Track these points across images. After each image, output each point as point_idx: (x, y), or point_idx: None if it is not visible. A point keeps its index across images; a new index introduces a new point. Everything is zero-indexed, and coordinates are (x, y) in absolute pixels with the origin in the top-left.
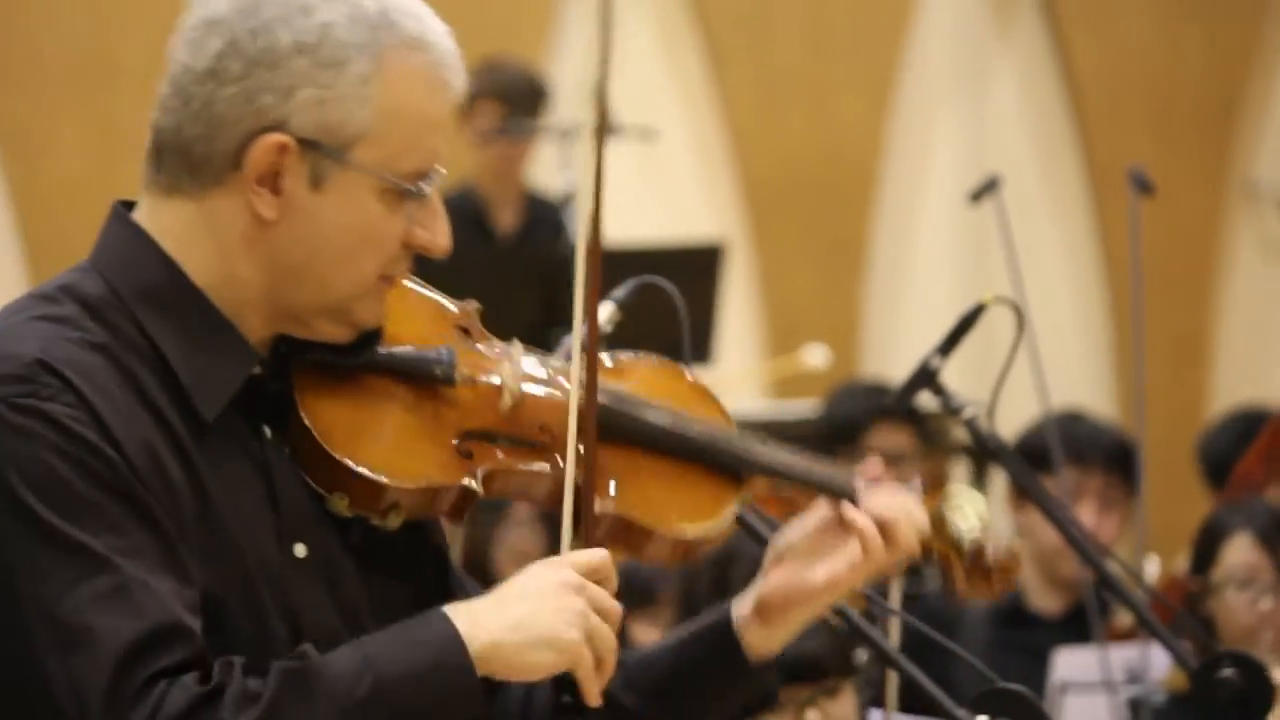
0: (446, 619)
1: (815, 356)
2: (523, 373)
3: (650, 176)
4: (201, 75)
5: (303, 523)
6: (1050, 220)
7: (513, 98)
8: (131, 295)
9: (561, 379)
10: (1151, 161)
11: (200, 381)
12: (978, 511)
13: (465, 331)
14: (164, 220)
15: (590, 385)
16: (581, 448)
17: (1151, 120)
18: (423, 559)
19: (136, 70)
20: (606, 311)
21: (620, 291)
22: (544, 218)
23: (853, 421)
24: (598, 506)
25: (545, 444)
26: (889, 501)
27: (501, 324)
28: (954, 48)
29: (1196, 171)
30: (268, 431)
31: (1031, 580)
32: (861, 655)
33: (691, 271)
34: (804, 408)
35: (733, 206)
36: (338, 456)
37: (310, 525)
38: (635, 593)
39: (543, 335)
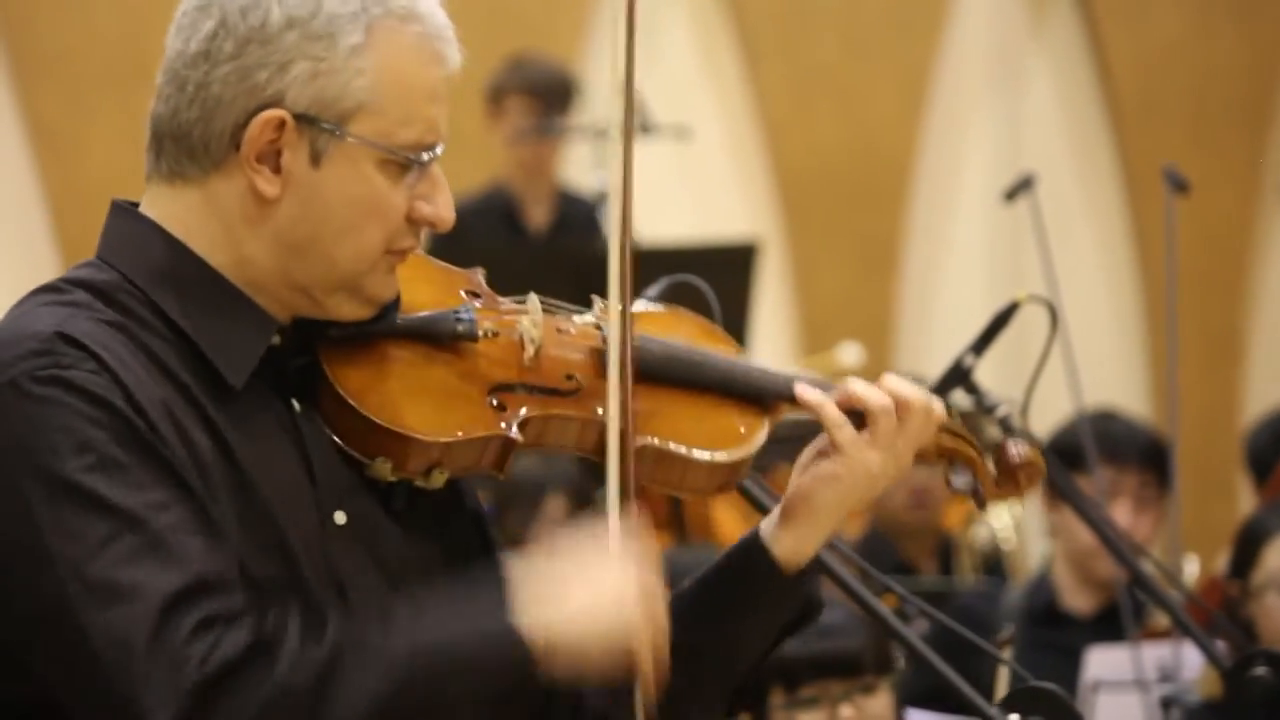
0: (505, 609)
1: (849, 355)
2: (541, 324)
3: (685, 174)
4: (194, 58)
5: (342, 491)
6: (1084, 218)
7: (543, 93)
8: (143, 278)
9: (577, 326)
10: (1186, 160)
11: (224, 349)
12: (1011, 509)
13: (474, 294)
14: (169, 208)
15: (624, 332)
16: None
17: (1187, 118)
18: (465, 523)
19: None
20: (640, 310)
21: (654, 290)
22: (576, 215)
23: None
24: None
25: (573, 390)
26: (898, 382)
27: None
28: (989, 45)
29: (1231, 170)
30: (296, 405)
31: (1065, 580)
32: (899, 655)
33: (725, 269)
34: None
35: (767, 204)
36: (377, 419)
37: (350, 493)
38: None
39: None
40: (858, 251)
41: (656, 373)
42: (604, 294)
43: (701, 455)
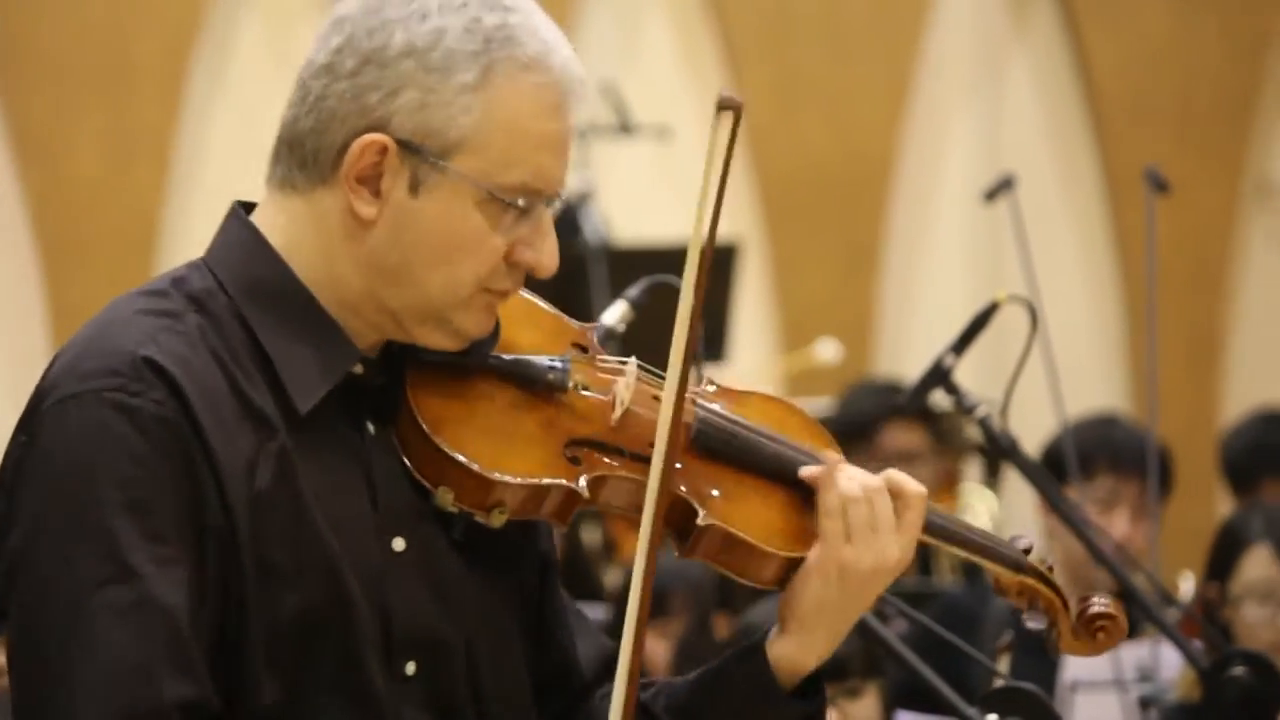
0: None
1: (827, 351)
2: (635, 388)
3: (666, 176)
4: (319, 69)
5: (403, 517)
6: (1065, 219)
7: None
8: (237, 289)
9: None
10: (1167, 161)
11: (298, 374)
12: (989, 510)
13: (582, 348)
14: (276, 216)
15: (679, 399)
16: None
17: (1168, 120)
18: (526, 566)
19: (153, 72)
20: (619, 310)
21: (634, 290)
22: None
23: (866, 420)
24: (702, 518)
25: (651, 459)
26: (842, 468)
27: None
28: (971, 47)
29: (1213, 171)
30: (371, 427)
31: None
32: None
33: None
34: (816, 405)
35: (749, 205)
36: (445, 449)
37: (411, 520)
38: (721, 589)
39: None
40: (839, 252)
41: (737, 455)
42: (585, 296)
43: (767, 547)
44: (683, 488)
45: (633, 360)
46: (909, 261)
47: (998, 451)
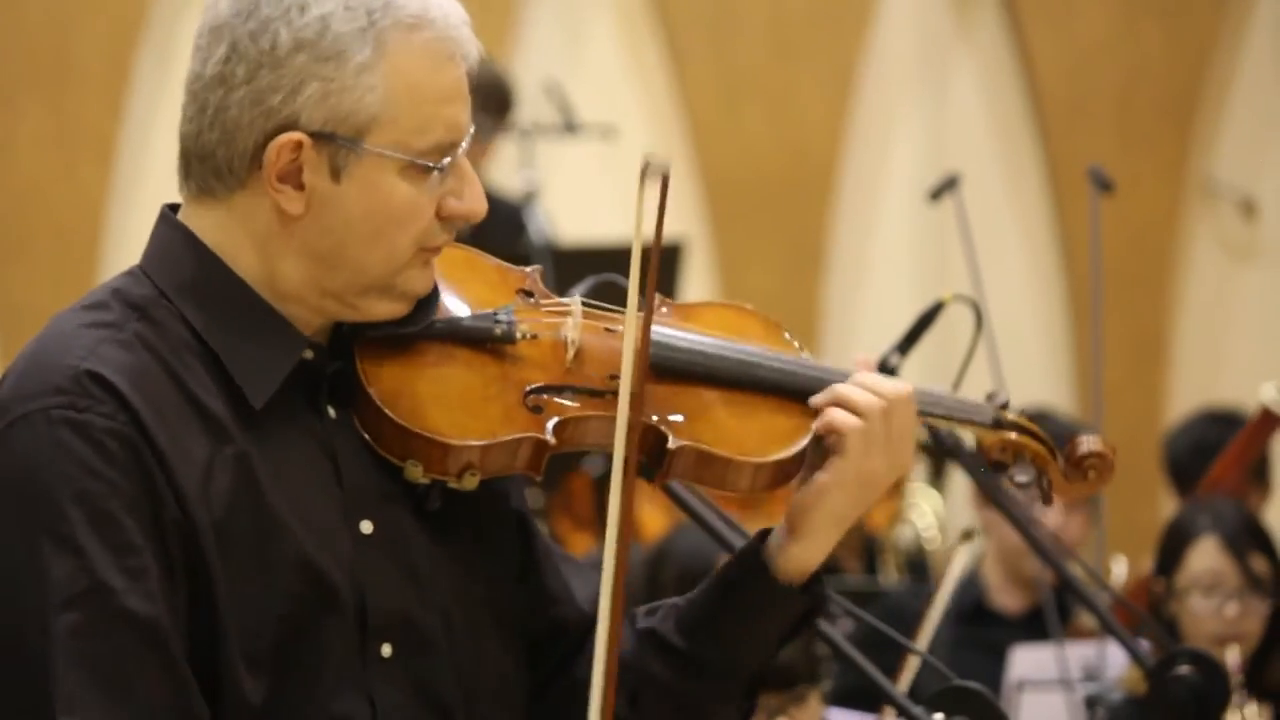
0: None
1: None
2: (585, 325)
3: (611, 174)
4: (210, 82)
5: (369, 500)
6: (1010, 218)
7: (478, 98)
8: (177, 293)
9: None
10: (1111, 160)
11: (248, 370)
12: (934, 509)
13: (528, 294)
14: (201, 223)
15: (645, 333)
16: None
17: (1111, 119)
18: (503, 525)
19: (96, 71)
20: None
21: (580, 289)
22: (500, 216)
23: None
24: (672, 442)
25: (614, 391)
26: (877, 379)
27: None
28: (915, 46)
29: (1156, 170)
30: (331, 411)
31: (994, 578)
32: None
33: None
34: None
35: (693, 204)
36: (404, 423)
37: (378, 501)
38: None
39: None
40: (784, 251)
41: (695, 370)
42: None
43: (743, 458)
44: (652, 416)
45: (577, 297)
46: (854, 260)
47: (943, 451)
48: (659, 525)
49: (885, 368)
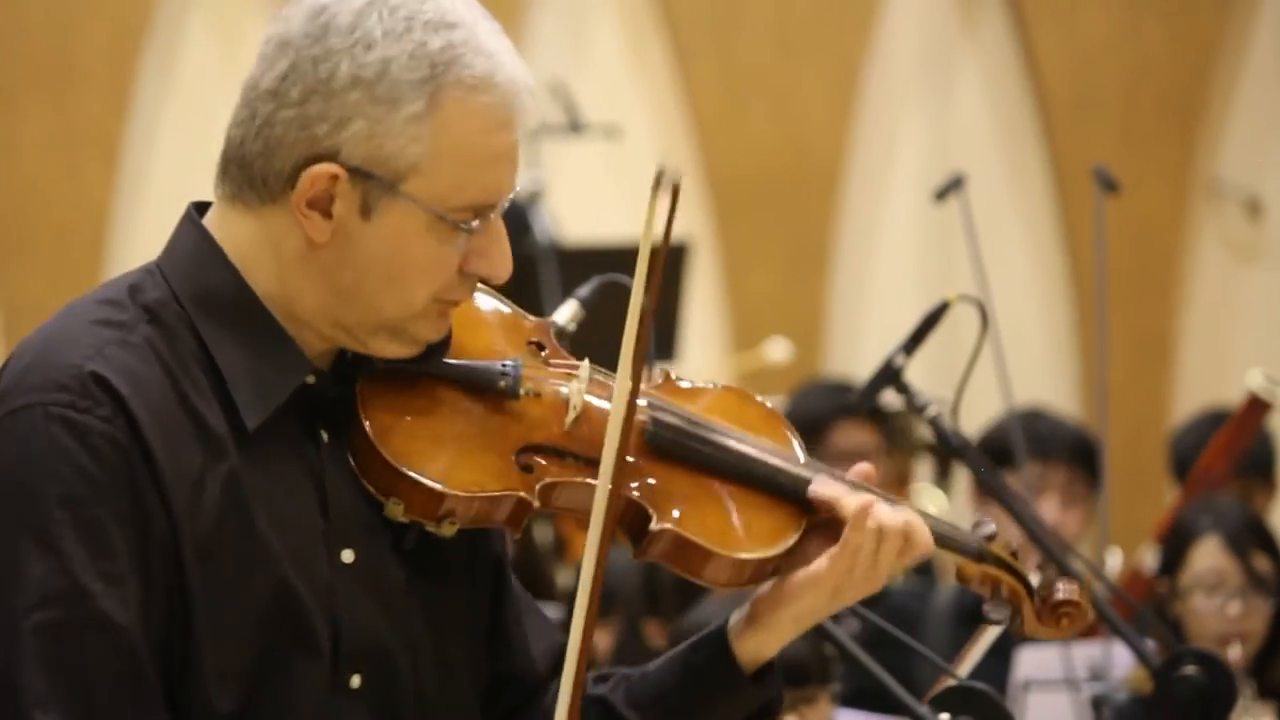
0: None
1: (777, 350)
2: (589, 390)
3: (615, 174)
4: (265, 94)
5: (353, 529)
6: (1015, 218)
7: None
8: (190, 299)
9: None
10: (1116, 160)
11: (248, 389)
12: (939, 509)
13: (539, 346)
14: (228, 227)
15: (630, 404)
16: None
17: (1116, 119)
18: (480, 568)
19: (99, 71)
20: (570, 310)
21: (584, 290)
22: (504, 216)
23: (817, 419)
24: (655, 524)
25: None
26: (855, 500)
27: None
28: (919, 46)
29: (1161, 170)
30: (324, 436)
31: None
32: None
33: None
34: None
35: (697, 204)
36: (393, 462)
37: (361, 531)
38: (649, 597)
39: None
40: (788, 251)
41: (692, 455)
42: (535, 295)
43: (723, 552)
44: (635, 491)
45: (585, 362)
46: (859, 260)
47: (948, 451)
48: None
49: (891, 368)
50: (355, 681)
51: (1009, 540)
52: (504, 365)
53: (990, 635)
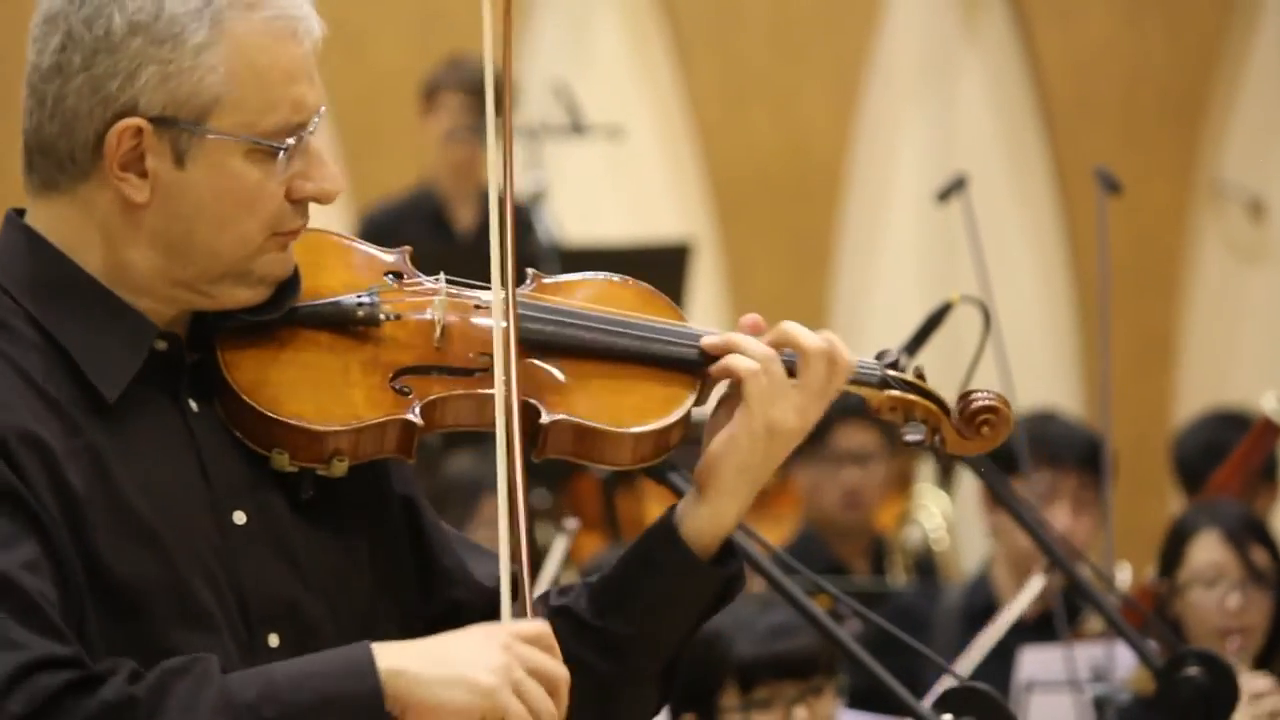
0: (363, 643)
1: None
2: (451, 304)
3: (617, 175)
4: (47, 72)
5: (240, 490)
6: (1017, 219)
7: (479, 93)
8: (22, 292)
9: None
10: (1118, 161)
11: (98, 363)
12: (942, 510)
13: (397, 275)
14: (47, 218)
15: (509, 304)
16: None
17: (1119, 119)
18: (386, 509)
19: None
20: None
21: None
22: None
23: (819, 420)
24: (545, 417)
25: (484, 369)
26: (740, 338)
27: None
28: (921, 46)
29: (1163, 171)
30: (193, 404)
31: (1005, 581)
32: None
33: (659, 270)
34: None
35: (700, 205)
36: (266, 411)
37: (249, 490)
38: None
39: None
40: (791, 252)
41: (567, 344)
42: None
43: (618, 429)
44: (522, 392)
45: (442, 276)
46: (861, 261)
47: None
48: None
49: (894, 369)
50: (274, 640)
51: (918, 366)
52: (359, 296)
53: (1003, 624)
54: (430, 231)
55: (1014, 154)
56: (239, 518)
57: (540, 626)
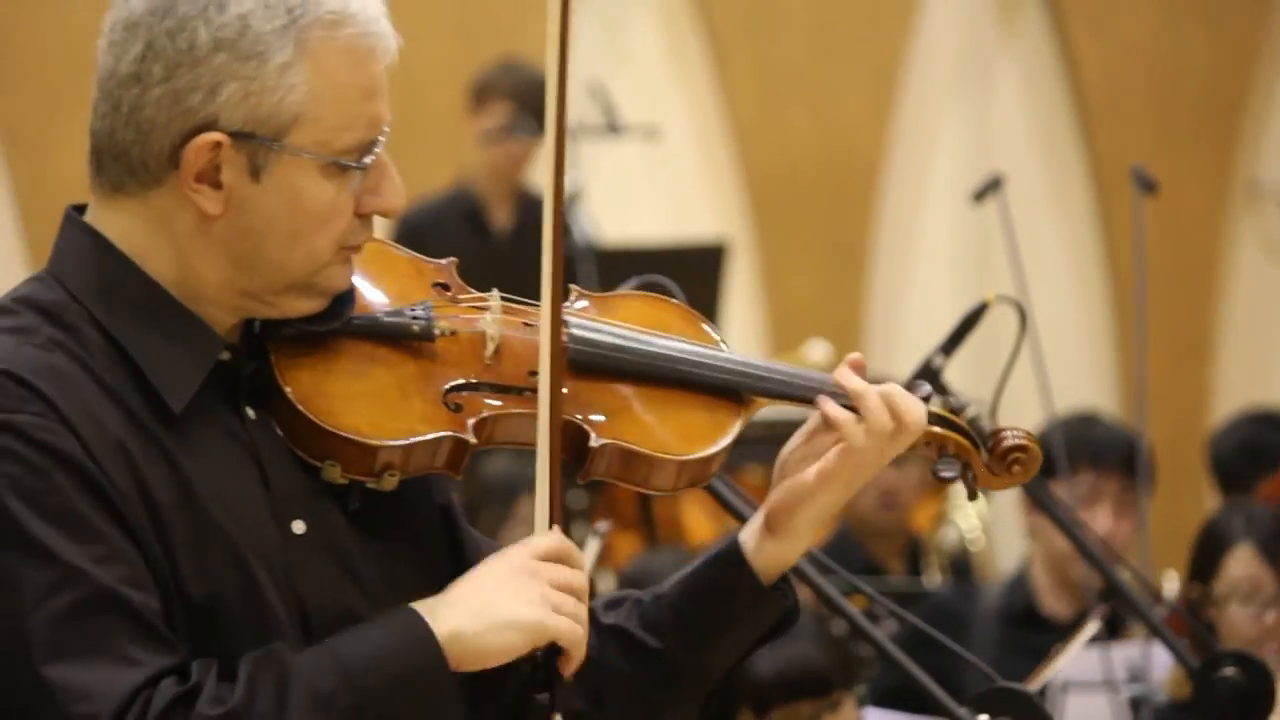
0: (412, 611)
1: (816, 352)
2: (504, 320)
3: (654, 175)
4: (126, 79)
5: (298, 499)
6: (1053, 219)
7: (525, 99)
8: (89, 297)
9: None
10: (1154, 160)
11: (166, 374)
12: (978, 510)
13: (444, 287)
14: (114, 221)
15: (555, 326)
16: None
17: (1154, 119)
18: (428, 518)
19: None
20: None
21: (622, 290)
22: (540, 217)
23: None
24: (594, 440)
25: (534, 388)
26: (861, 385)
27: None
28: (957, 46)
29: (1199, 170)
30: (250, 412)
31: (1043, 582)
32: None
33: (695, 269)
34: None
35: (736, 204)
36: (321, 423)
37: (306, 500)
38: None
39: None
40: (827, 251)
41: (617, 366)
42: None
43: (666, 455)
44: (575, 414)
45: (495, 292)
46: (897, 261)
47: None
48: (703, 527)
49: (930, 369)
50: None
51: (949, 400)
52: (414, 310)
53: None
54: (467, 231)
55: (1050, 154)
56: (298, 527)
57: (554, 542)
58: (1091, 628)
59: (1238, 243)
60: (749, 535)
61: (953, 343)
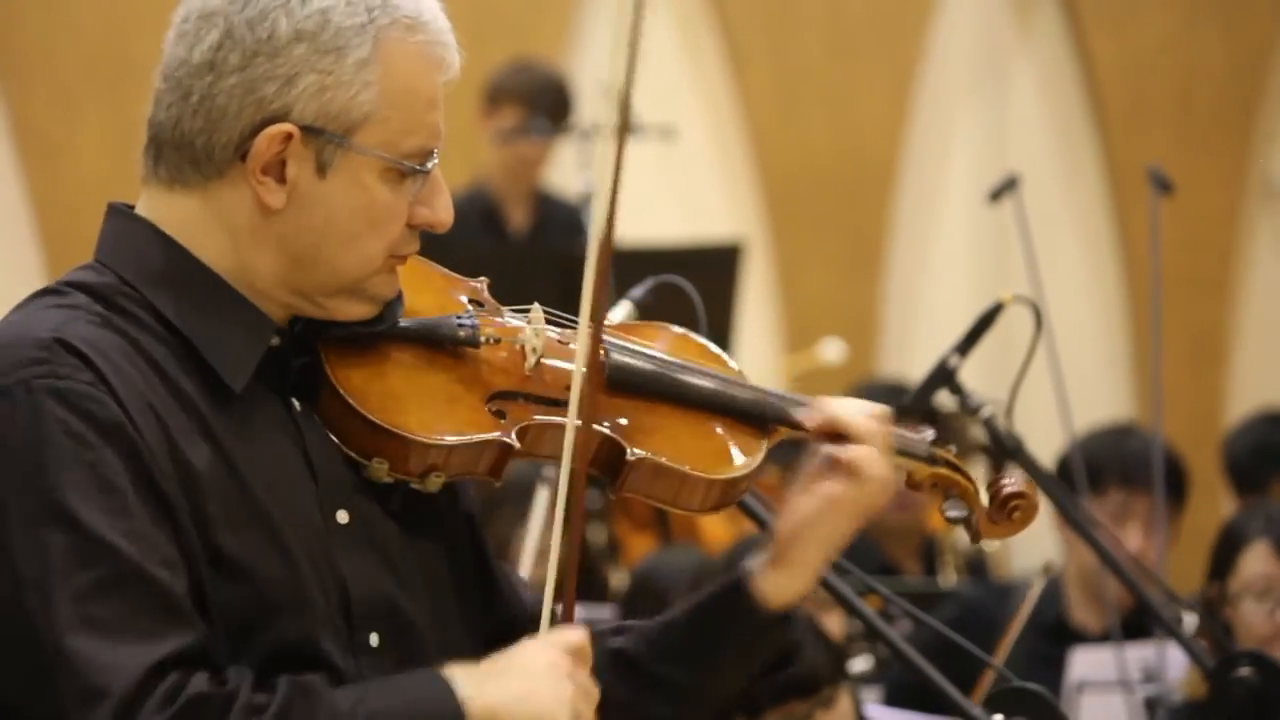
0: (448, 678)
1: (831, 351)
2: (544, 334)
3: (670, 175)
4: (198, 68)
5: (343, 490)
6: (1069, 219)
7: (537, 101)
8: (142, 281)
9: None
10: (1171, 161)
11: (222, 352)
12: None
13: (477, 303)
14: (168, 213)
15: (594, 345)
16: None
17: (1171, 119)
18: (458, 528)
19: (153, 70)
20: (624, 311)
21: (638, 291)
22: (557, 217)
23: None
24: (630, 454)
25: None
26: (853, 415)
27: None
28: (974, 47)
29: (1216, 171)
30: (297, 404)
31: (1074, 595)
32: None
33: (710, 271)
34: None
35: (752, 205)
36: (375, 419)
37: (350, 492)
38: (650, 598)
39: None
40: (843, 252)
41: (652, 387)
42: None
43: (699, 474)
44: (606, 426)
45: (536, 306)
46: (913, 261)
47: (1003, 452)
48: (717, 527)
49: (945, 369)
50: (374, 640)
51: (952, 444)
52: (461, 317)
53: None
54: (482, 231)
55: (1066, 154)
56: (342, 516)
57: (583, 641)
58: (1038, 586)
59: (1254, 243)
60: (758, 564)
61: (968, 343)
